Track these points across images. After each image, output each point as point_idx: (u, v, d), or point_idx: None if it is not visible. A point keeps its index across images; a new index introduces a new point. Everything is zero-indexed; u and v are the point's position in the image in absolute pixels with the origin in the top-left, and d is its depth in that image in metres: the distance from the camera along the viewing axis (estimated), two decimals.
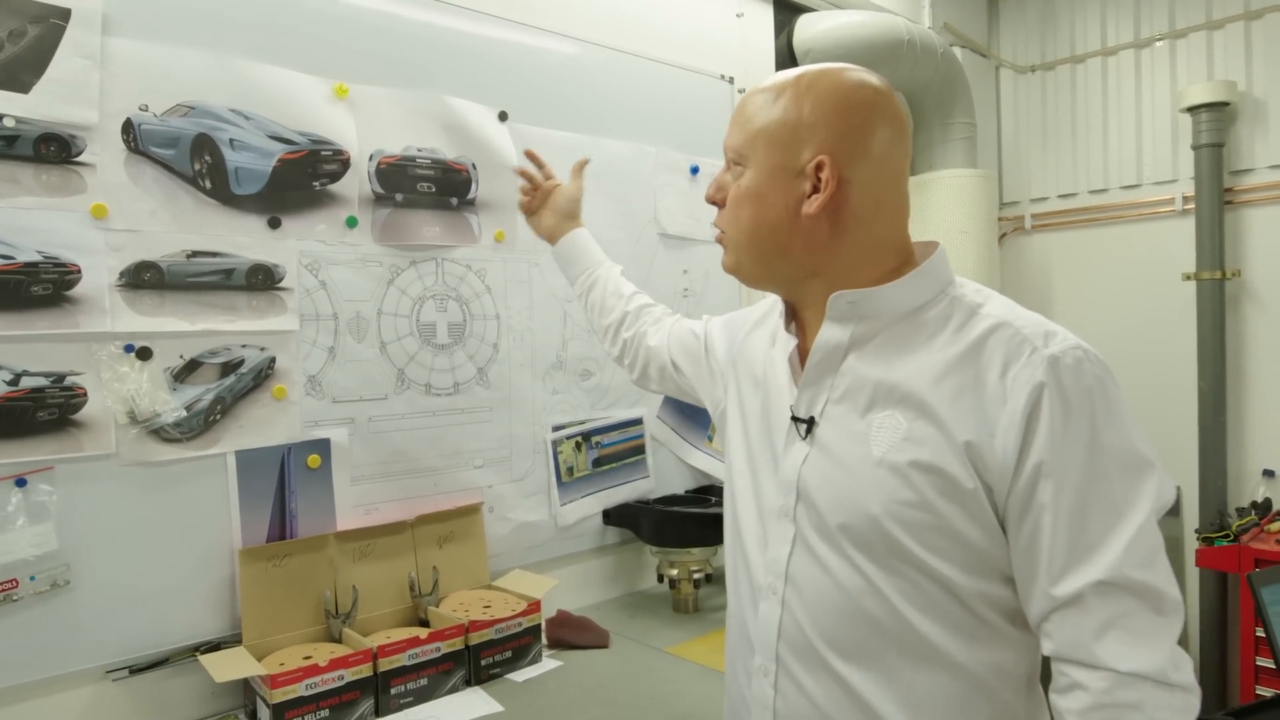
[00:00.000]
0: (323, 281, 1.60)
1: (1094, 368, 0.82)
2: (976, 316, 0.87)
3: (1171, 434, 2.93)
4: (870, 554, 0.86)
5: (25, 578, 1.28)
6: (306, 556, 1.55)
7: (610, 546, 2.09)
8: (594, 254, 1.48)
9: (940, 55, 2.75)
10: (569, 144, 1.97)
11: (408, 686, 1.48)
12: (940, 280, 0.91)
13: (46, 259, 1.30)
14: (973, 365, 0.84)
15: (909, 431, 0.85)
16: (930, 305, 0.89)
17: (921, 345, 0.87)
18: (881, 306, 0.90)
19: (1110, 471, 0.80)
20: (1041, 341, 0.83)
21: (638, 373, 1.38)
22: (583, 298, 1.47)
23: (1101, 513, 0.79)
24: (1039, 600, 0.81)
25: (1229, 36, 2.78)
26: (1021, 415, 0.80)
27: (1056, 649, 0.80)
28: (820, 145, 0.88)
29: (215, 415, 1.47)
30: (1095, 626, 0.77)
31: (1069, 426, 0.79)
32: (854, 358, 0.91)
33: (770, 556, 0.95)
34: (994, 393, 0.82)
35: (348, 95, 1.62)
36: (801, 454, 0.93)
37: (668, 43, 2.22)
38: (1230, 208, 2.79)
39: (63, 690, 1.33)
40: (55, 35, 1.30)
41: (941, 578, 0.84)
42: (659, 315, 1.38)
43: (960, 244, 2.85)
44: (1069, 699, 0.79)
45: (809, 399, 0.94)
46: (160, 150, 1.41)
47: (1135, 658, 0.76)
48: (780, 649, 0.93)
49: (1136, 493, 0.80)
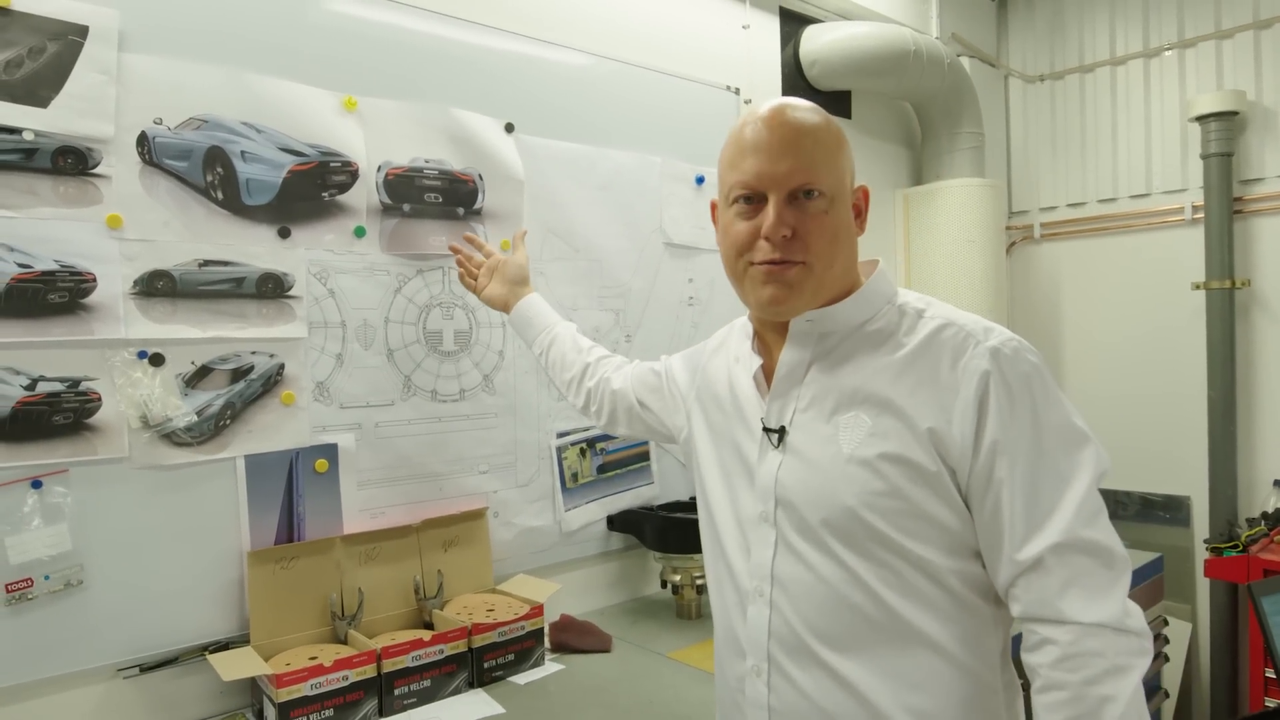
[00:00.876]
0: (331, 290, 1.63)
1: (1029, 355, 0.92)
2: (922, 320, 0.96)
3: (1181, 443, 2.92)
4: (851, 545, 0.93)
5: (40, 577, 1.32)
6: (313, 559, 1.58)
7: (614, 552, 2.11)
8: (549, 315, 1.57)
9: (947, 65, 2.76)
10: (575, 155, 2.00)
11: (411, 688, 1.50)
12: (884, 294, 1.01)
13: (63, 268, 1.34)
14: (925, 361, 0.93)
15: (874, 427, 0.93)
16: (878, 316, 0.99)
17: (874, 350, 0.97)
18: (836, 323, 0.99)
19: (1054, 445, 0.89)
20: (983, 335, 0.92)
21: (605, 418, 1.43)
22: (543, 356, 1.54)
23: (1051, 482, 0.89)
24: (1006, 567, 0.89)
25: (1238, 46, 2.78)
26: (974, 401, 0.89)
27: (1024, 609, 0.88)
28: (853, 174, 1.01)
29: (225, 420, 1.50)
30: (1057, 585, 0.86)
31: (1015, 407, 0.89)
32: (816, 369, 1.00)
33: (754, 562, 1.01)
34: (947, 383, 0.91)
35: (356, 108, 1.65)
36: (776, 461, 1.00)
37: (674, 54, 2.25)
38: (1240, 217, 2.79)
39: (75, 687, 1.37)
40: (73, 52, 1.35)
41: (919, 560, 0.91)
42: (619, 363, 1.45)
43: (967, 253, 2.86)
44: (1040, 654, 0.87)
45: (778, 410, 1.01)
46: (174, 162, 1.45)
47: (1095, 610, 0.85)
48: (771, 648, 0.98)
49: (1077, 462, 0.89)
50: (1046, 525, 0.87)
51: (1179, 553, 2.95)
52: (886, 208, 3.02)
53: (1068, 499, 0.88)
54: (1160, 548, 2.88)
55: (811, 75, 2.65)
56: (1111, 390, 3.07)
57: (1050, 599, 0.86)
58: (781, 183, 0.94)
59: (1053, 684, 0.85)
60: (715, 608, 1.12)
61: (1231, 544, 2.58)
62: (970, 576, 0.93)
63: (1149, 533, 3.02)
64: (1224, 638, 2.79)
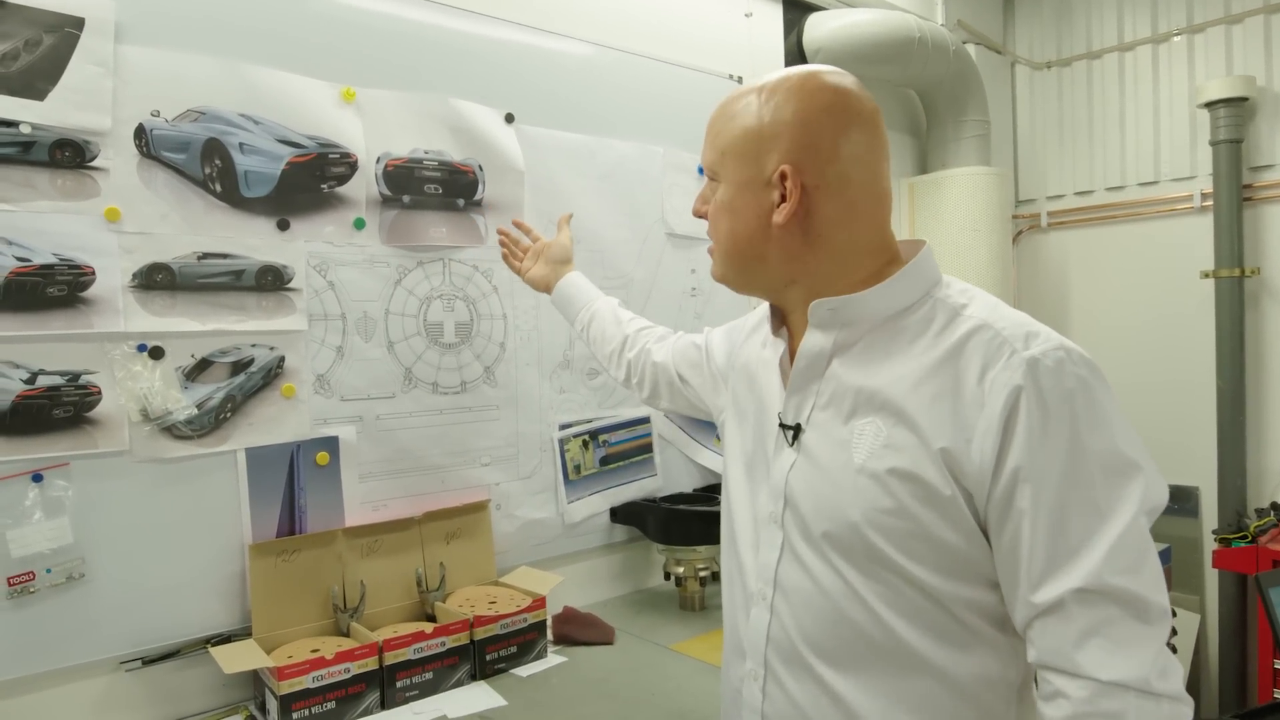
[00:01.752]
0: (331, 282, 1.63)
1: (1076, 369, 0.80)
2: (959, 319, 0.85)
3: (1190, 433, 2.90)
4: (851, 560, 0.86)
5: (42, 570, 1.32)
6: (315, 552, 1.58)
7: (617, 544, 2.11)
8: (591, 291, 1.54)
9: (953, 53, 2.73)
10: (576, 145, 1.99)
11: (413, 680, 1.50)
12: (926, 281, 0.90)
13: (62, 261, 1.34)
14: (951, 369, 0.83)
15: (889, 439, 0.84)
16: (914, 308, 0.88)
17: (902, 350, 0.87)
18: (863, 312, 0.89)
19: (1092, 475, 0.78)
20: (1022, 344, 0.81)
21: (647, 391, 1.39)
22: (584, 333, 1.52)
23: (1082, 518, 0.77)
24: (1021, 607, 0.80)
25: (1248, 31, 2.75)
26: (999, 420, 0.79)
27: (1039, 656, 0.79)
28: (784, 154, 0.88)
29: (226, 413, 1.50)
30: (1076, 634, 0.76)
31: (1047, 430, 0.78)
32: (837, 363, 0.91)
33: (760, 562, 0.96)
34: (971, 397, 0.81)
35: (355, 99, 1.64)
36: (789, 461, 0.94)
37: (676, 43, 2.23)
38: (1249, 204, 2.76)
39: (78, 680, 1.37)
40: (70, 44, 1.34)
41: (921, 583, 0.84)
42: (661, 334, 1.41)
43: (973, 242, 2.84)
44: (1052, 707, 0.78)
45: (795, 405, 0.94)
46: (172, 155, 1.44)
47: (1116, 667, 0.74)
48: (769, 654, 0.94)
49: (1120, 496, 0.78)
50: (1070, 566, 0.77)
51: (1187, 543, 2.93)
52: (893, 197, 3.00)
53: (1100, 538, 0.76)
54: (1168, 538, 2.87)
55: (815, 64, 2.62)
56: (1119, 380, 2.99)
57: (1066, 649, 0.76)
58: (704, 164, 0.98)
59: None
60: (725, 603, 1.07)
61: (1240, 535, 2.56)
62: (982, 605, 0.84)
63: (1157, 523, 2.90)
64: (1232, 629, 2.77)
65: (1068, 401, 0.78)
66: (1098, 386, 0.80)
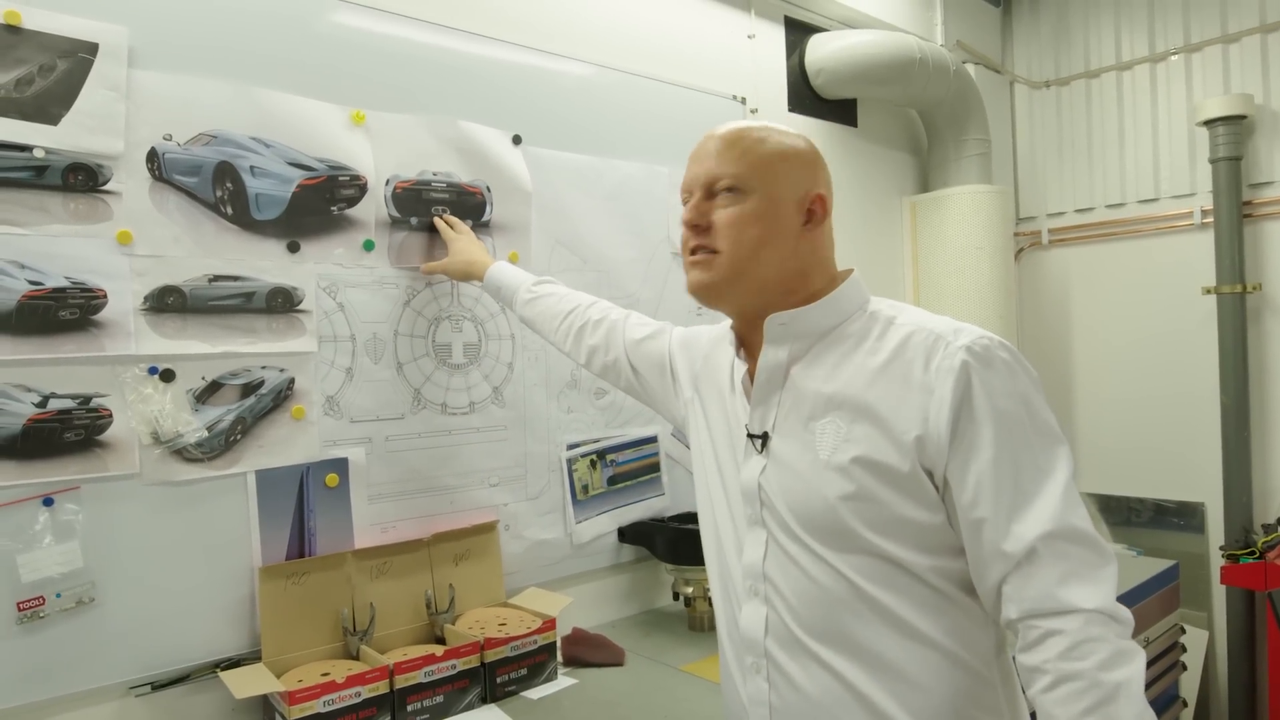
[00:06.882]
0: (341, 304, 1.63)
1: (1001, 352, 0.93)
2: (894, 326, 0.99)
3: (1195, 449, 2.90)
4: (831, 545, 0.96)
5: (52, 595, 1.31)
6: (325, 574, 1.57)
7: (625, 564, 2.10)
8: (523, 273, 1.61)
9: (953, 73, 2.76)
10: (582, 166, 2.00)
11: (424, 703, 1.49)
12: (854, 301, 1.04)
13: (74, 284, 1.34)
14: (899, 366, 0.96)
15: (848, 433, 0.96)
16: (851, 321, 1.03)
17: (848, 356, 1.00)
18: (809, 325, 1.03)
19: (1030, 438, 0.91)
20: (954, 337, 0.94)
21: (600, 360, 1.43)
22: (531, 304, 1.55)
23: (1032, 473, 0.90)
24: (995, 563, 0.90)
25: (1245, 49, 2.78)
26: (949, 399, 0.91)
27: (1022, 608, 0.88)
28: (813, 183, 1.05)
29: (236, 435, 1.50)
30: (1057, 576, 0.87)
31: (989, 403, 0.91)
32: (795, 372, 1.03)
33: (747, 561, 1.05)
34: (921, 385, 0.93)
35: (364, 122, 1.65)
36: (759, 466, 1.04)
37: (680, 64, 2.25)
38: (1250, 221, 2.78)
39: (87, 706, 1.36)
40: (83, 69, 1.35)
41: (897, 559, 0.94)
42: (610, 323, 1.44)
43: (976, 260, 2.85)
44: (1044, 649, 0.86)
45: (760, 416, 1.05)
46: (183, 178, 1.45)
47: (1094, 597, 0.86)
48: (768, 644, 1.02)
49: (1054, 456, 0.91)
50: (1032, 513, 0.88)
51: (1194, 560, 2.93)
52: (894, 216, 3.02)
53: (1050, 488, 0.89)
54: (1175, 554, 2.86)
55: (817, 84, 2.65)
56: (1123, 396, 3.05)
57: (1051, 589, 0.87)
58: (701, 181, 1.05)
59: (1066, 675, 0.85)
60: (717, 605, 1.15)
61: (1248, 550, 2.56)
62: (952, 573, 0.95)
63: (1163, 539, 3.00)
64: (1241, 645, 2.76)
65: (1000, 377, 0.92)
66: (1018, 367, 0.94)
